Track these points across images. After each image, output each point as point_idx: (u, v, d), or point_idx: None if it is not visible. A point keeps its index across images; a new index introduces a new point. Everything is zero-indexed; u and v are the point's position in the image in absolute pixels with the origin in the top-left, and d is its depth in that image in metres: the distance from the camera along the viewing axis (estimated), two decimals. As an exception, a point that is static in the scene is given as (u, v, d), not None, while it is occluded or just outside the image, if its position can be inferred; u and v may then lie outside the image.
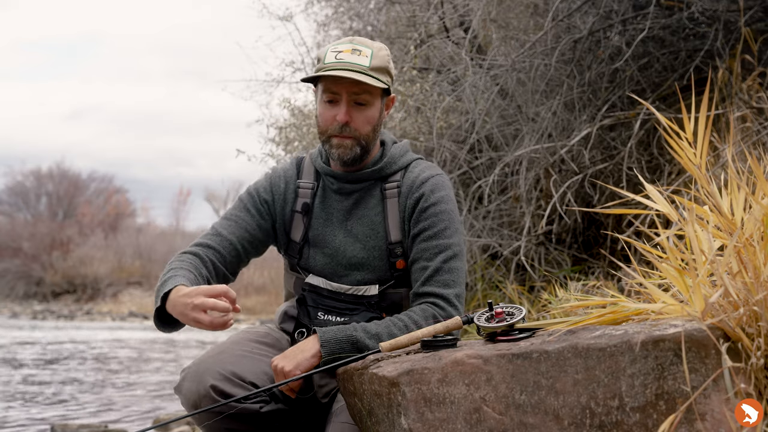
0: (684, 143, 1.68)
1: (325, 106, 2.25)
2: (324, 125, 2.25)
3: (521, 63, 5.19)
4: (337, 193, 2.33)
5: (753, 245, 1.49)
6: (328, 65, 2.19)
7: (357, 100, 2.21)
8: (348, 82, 2.18)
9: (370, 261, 2.27)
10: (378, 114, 2.27)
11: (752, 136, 3.73)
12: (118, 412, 6.84)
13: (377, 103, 2.25)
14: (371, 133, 2.26)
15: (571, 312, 1.87)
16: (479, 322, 1.79)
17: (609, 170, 4.91)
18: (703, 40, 4.71)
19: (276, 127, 7.39)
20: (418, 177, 2.30)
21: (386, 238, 2.27)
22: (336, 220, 2.32)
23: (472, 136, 5.46)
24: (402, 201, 2.28)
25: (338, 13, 7.62)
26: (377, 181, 2.32)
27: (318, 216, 2.33)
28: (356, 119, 2.22)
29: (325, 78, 2.21)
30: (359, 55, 2.20)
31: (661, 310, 1.55)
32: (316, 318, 2.24)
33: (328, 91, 2.22)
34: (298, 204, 2.35)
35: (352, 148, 2.24)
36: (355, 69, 2.17)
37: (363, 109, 2.23)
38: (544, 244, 5.19)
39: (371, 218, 2.29)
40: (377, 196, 2.31)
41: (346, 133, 2.22)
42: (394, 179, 2.32)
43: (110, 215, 41.05)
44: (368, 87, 2.20)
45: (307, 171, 2.39)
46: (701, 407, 1.35)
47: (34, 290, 33.27)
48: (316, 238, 2.32)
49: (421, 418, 1.64)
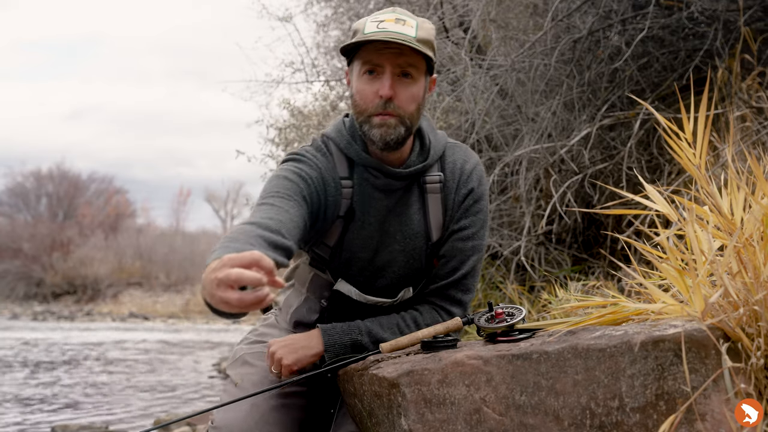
0: (683, 143, 1.68)
1: (364, 80, 1.97)
2: (363, 103, 1.98)
3: (521, 63, 5.18)
4: (380, 190, 2.07)
5: (753, 245, 1.49)
6: (369, 34, 1.92)
7: (403, 71, 1.95)
8: (393, 52, 1.92)
9: (408, 263, 2.11)
10: (423, 93, 2.01)
11: (752, 135, 3.73)
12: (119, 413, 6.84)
13: (422, 80, 2.00)
14: (416, 113, 2.00)
15: (571, 312, 1.87)
16: (479, 323, 1.79)
17: (609, 170, 4.91)
18: (703, 40, 4.71)
19: (276, 127, 7.40)
20: (463, 167, 2.12)
21: (427, 238, 2.11)
22: (374, 220, 2.08)
23: (472, 137, 5.46)
24: (449, 197, 2.10)
25: (338, 14, 7.63)
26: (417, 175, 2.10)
27: (357, 218, 2.07)
28: (401, 95, 1.95)
29: (364, 49, 1.95)
30: (404, 24, 1.94)
31: (661, 310, 1.55)
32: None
33: (370, 63, 1.95)
34: (342, 207, 2.06)
35: (396, 127, 1.97)
36: (401, 39, 1.90)
37: (408, 84, 1.96)
38: (544, 244, 5.19)
39: (410, 217, 2.10)
40: (416, 192, 2.10)
41: (390, 110, 1.95)
42: (433, 171, 2.10)
43: (110, 216, 41.10)
44: (415, 59, 1.94)
45: (339, 162, 2.08)
46: (701, 407, 1.35)
47: (34, 291, 33.30)
48: (351, 242, 2.08)
49: (422, 419, 1.64)
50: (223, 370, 10.51)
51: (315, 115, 7.18)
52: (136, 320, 25.55)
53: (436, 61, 2.03)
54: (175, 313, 28.02)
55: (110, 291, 32.18)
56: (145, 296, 31.33)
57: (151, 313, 27.73)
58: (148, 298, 31.03)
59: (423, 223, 2.10)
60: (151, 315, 27.35)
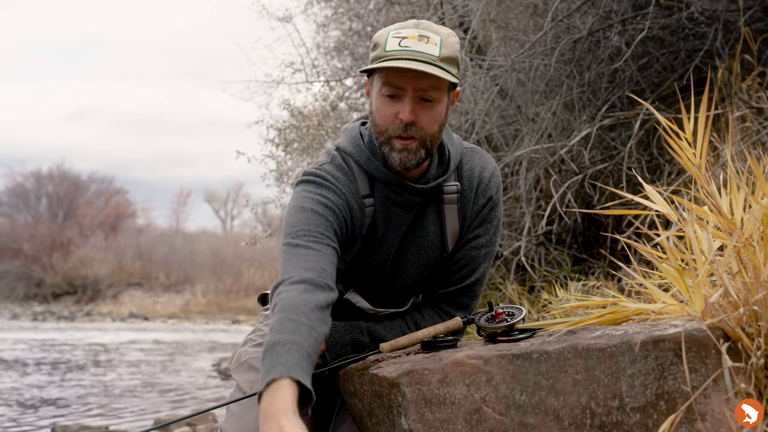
0: (683, 143, 1.68)
1: (384, 101, 1.90)
2: (384, 124, 1.91)
3: (521, 63, 5.19)
4: (400, 206, 2.02)
5: (753, 245, 1.49)
6: (390, 53, 1.85)
7: (424, 96, 1.87)
8: (415, 75, 1.83)
9: (421, 275, 2.09)
10: (445, 111, 1.94)
11: (752, 135, 3.73)
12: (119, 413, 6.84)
13: (445, 99, 1.92)
14: (437, 133, 1.93)
15: (571, 312, 1.88)
16: (479, 323, 1.79)
17: (609, 170, 4.91)
18: (703, 40, 4.71)
19: (276, 128, 7.39)
20: (481, 176, 2.07)
21: (442, 249, 2.08)
22: (393, 236, 2.04)
23: (472, 137, 5.46)
24: (467, 206, 2.06)
25: (338, 14, 7.62)
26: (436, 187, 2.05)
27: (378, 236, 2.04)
28: (422, 118, 1.88)
29: (385, 68, 1.87)
30: (427, 42, 1.86)
31: (661, 310, 1.55)
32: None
33: (390, 85, 1.87)
34: (365, 226, 2.02)
35: (417, 152, 1.90)
36: (424, 59, 1.83)
37: (430, 107, 1.89)
38: (544, 244, 5.19)
39: (426, 229, 2.06)
40: (433, 203, 2.06)
41: (411, 133, 1.89)
42: (450, 181, 2.05)
43: (110, 216, 41.07)
44: (437, 81, 1.86)
45: (361, 179, 2.02)
46: (701, 407, 1.35)
47: (34, 291, 33.28)
48: (368, 257, 2.05)
49: (422, 419, 1.64)
50: (223, 370, 10.50)
51: (315, 116, 7.17)
52: (136, 320, 25.55)
53: (460, 76, 1.98)
54: (175, 313, 28.02)
55: (110, 291, 32.17)
56: (145, 296, 31.33)
57: (151, 314, 27.73)
58: (148, 299, 31.03)
59: (439, 235, 2.07)
60: (151, 315, 27.35)
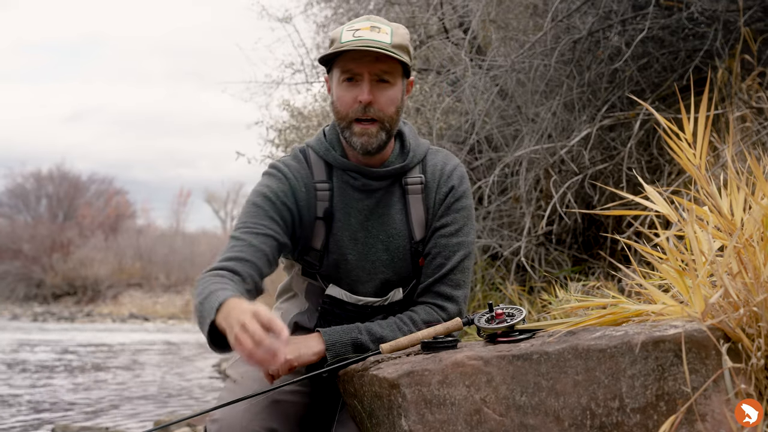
0: (683, 143, 1.68)
1: (343, 87, 2.04)
2: (344, 109, 2.04)
3: (521, 63, 5.19)
4: (359, 190, 2.13)
5: (753, 246, 1.49)
6: (346, 44, 1.99)
7: (380, 78, 2.02)
8: (370, 59, 1.99)
9: (393, 262, 2.14)
10: (400, 95, 2.07)
11: (752, 136, 3.73)
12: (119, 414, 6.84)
13: (399, 84, 2.06)
14: (395, 115, 2.06)
15: (572, 313, 1.87)
16: (479, 324, 1.79)
17: (609, 171, 4.91)
18: (703, 40, 4.71)
19: (276, 128, 7.40)
20: (444, 168, 2.18)
21: (410, 237, 2.14)
22: (356, 221, 2.13)
23: (472, 137, 5.46)
24: (430, 197, 2.15)
25: (338, 15, 7.63)
26: (397, 176, 2.15)
27: (338, 219, 2.12)
28: (380, 98, 2.02)
29: (342, 58, 2.02)
30: (379, 32, 2.01)
31: (661, 311, 1.55)
32: None
33: (348, 72, 2.02)
34: (320, 209, 2.12)
35: (377, 134, 2.04)
36: (377, 46, 1.97)
37: (386, 88, 2.03)
38: (544, 244, 5.19)
39: (392, 217, 2.14)
40: (397, 193, 2.15)
41: (370, 114, 2.01)
42: (414, 173, 2.16)
43: (110, 217, 41.10)
44: (391, 65, 2.02)
45: (317, 167, 2.15)
46: (702, 408, 1.35)
47: (34, 292, 33.30)
48: (337, 244, 2.13)
49: (422, 420, 1.64)
50: (223, 371, 10.51)
51: (315, 116, 7.18)
52: (136, 321, 25.56)
53: (412, 65, 2.11)
54: (175, 313, 28.03)
55: (110, 292, 32.19)
56: (145, 297, 31.35)
57: (151, 314, 27.74)
58: (148, 299, 31.04)
59: (405, 223, 2.15)
60: (151, 316, 27.36)
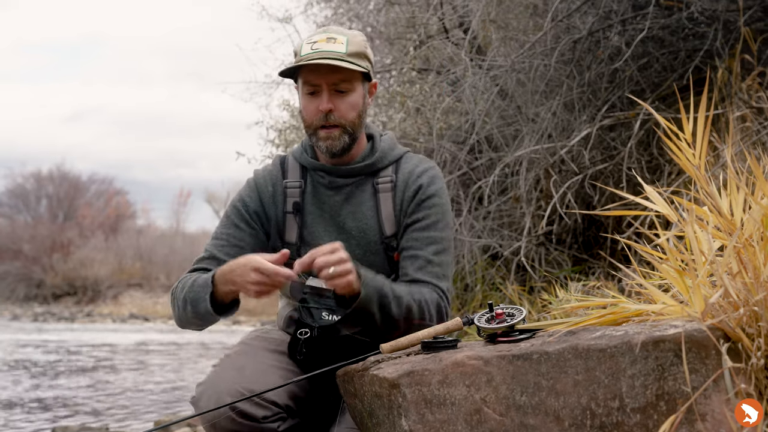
0: (683, 144, 1.68)
1: (307, 99, 2.21)
2: (309, 118, 2.21)
3: (521, 63, 5.19)
4: (328, 188, 2.28)
5: (753, 245, 1.49)
6: (304, 57, 2.15)
7: (338, 89, 2.17)
8: (326, 71, 2.14)
9: (367, 257, 2.22)
10: (362, 100, 2.23)
11: (752, 136, 3.73)
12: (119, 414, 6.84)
13: (359, 89, 2.21)
14: (357, 119, 2.22)
15: (572, 313, 1.87)
16: (479, 323, 1.79)
17: (609, 170, 4.91)
18: (703, 40, 4.71)
19: (276, 129, 7.40)
20: (414, 170, 2.28)
21: (380, 232, 2.24)
22: (328, 216, 2.26)
23: (472, 137, 5.46)
24: (399, 195, 2.25)
25: (338, 15, 7.63)
26: (368, 176, 2.28)
27: (310, 213, 2.27)
28: (339, 106, 2.18)
29: (303, 71, 2.18)
30: (335, 42, 2.16)
31: (661, 310, 1.55)
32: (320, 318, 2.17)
33: (308, 84, 2.19)
34: (289, 204, 2.28)
35: (340, 137, 2.20)
36: (332, 57, 2.12)
37: (345, 96, 2.19)
38: (545, 244, 5.19)
39: (363, 213, 2.25)
40: (369, 191, 2.27)
41: (332, 121, 2.18)
42: (386, 174, 2.28)
43: (110, 217, 41.07)
44: (347, 74, 2.16)
45: (292, 169, 2.33)
46: (702, 408, 1.35)
47: (34, 292, 33.27)
48: (311, 236, 2.26)
49: (422, 420, 1.64)
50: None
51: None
52: (136, 321, 25.55)
53: (371, 69, 2.24)
54: (175, 314, 27.95)
55: (110, 292, 32.17)
56: (146, 297, 31.32)
57: (151, 314, 27.72)
58: (149, 299, 31.02)
59: (375, 218, 2.25)
60: (152, 316, 27.34)
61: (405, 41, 6.67)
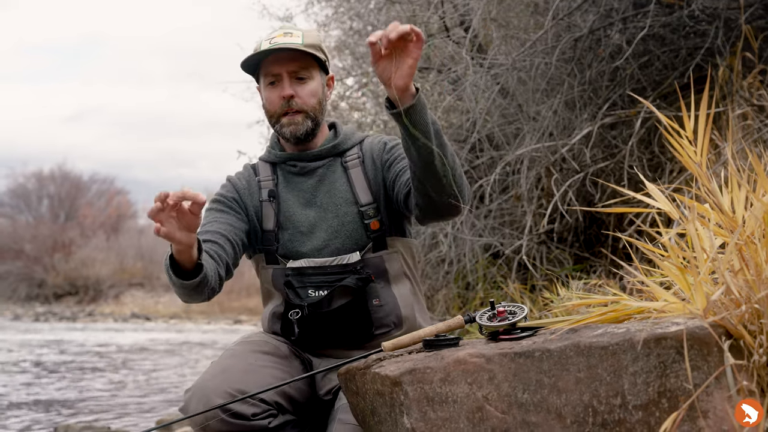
0: (684, 141, 1.68)
1: (269, 89, 2.30)
2: (272, 107, 2.30)
3: (522, 62, 5.18)
4: (300, 174, 2.38)
5: (754, 243, 1.49)
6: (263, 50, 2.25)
7: (298, 75, 2.28)
8: (285, 59, 2.25)
9: (344, 227, 2.30)
10: (321, 89, 2.33)
11: (753, 133, 3.72)
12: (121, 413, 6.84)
13: (318, 78, 2.32)
14: (317, 105, 2.31)
15: (573, 310, 1.87)
16: (481, 321, 1.79)
17: (610, 169, 4.91)
18: (704, 38, 4.71)
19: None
20: (374, 141, 2.40)
21: (356, 202, 2.32)
22: (304, 199, 2.35)
23: (473, 136, 5.46)
24: (368, 163, 2.36)
25: (338, 13, 7.63)
26: (336, 158, 2.38)
27: (286, 199, 2.36)
28: (300, 92, 2.28)
29: (263, 64, 2.29)
30: (291, 36, 2.27)
31: (662, 308, 1.55)
32: (307, 297, 2.25)
33: (269, 75, 2.29)
34: (263, 194, 2.37)
35: (303, 122, 2.29)
36: (289, 47, 2.24)
37: (305, 83, 2.29)
38: (546, 242, 5.19)
39: (338, 188, 2.34)
40: (339, 170, 2.37)
41: (294, 107, 2.28)
42: (352, 153, 2.39)
43: (112, 217, 41.08)
44: (305, 62, 2.27)
45: (263, 169, 2.42)
46: (704, 405, 1.35)
47: (36, 292, 33.29)
48: (288, 220, 2.34)
49: (424, 418, 1.64)
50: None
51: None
52: (137, 321, 25.56)
53: (328, 62, 2.36)
54: (176, 313, 28.02)
55: (112, 292, 32.19)
56: (147, 297, 31.34)
57: (152, 314, 27.74)
58: (150, 299, 31.04)
59: (350, 191, 2.34)
60: (153, 315, 27.35)
61: (406, 40, 6.65)
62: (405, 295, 2.32)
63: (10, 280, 33.59)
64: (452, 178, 2.03)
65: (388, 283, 2.30)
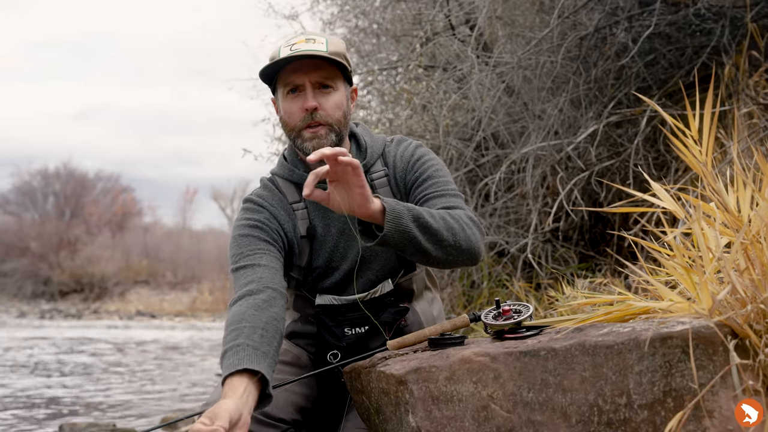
0: (689, 141, 1.68)
1: (289, 100, 2.07)
2: (292, 120, 2.07)
3: (527, 60, 5.18)
4: None
5: (760, 242, 1.49)
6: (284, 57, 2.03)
7: (323, 83, 2.05)
8: (309, 68, 2.02)
9: (377, 256, 2.14)
10: (346, 101, 2.10)
11: (759, 132, 3.72)
12: (126, 411, 6.86)
13: (342, 89, 2.09)
14: (343, 119, 2.08)
15: (579, 309, 1.88)
16: (486, 320, 1.79)
17: (615, 167, 4.91)
18: (710, 37, 4.70)
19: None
20: (396, 151, 2.21)
21: None
22: (335, 230, 2.15)
23: (479, 134, 5.46)
24: (395, 180, 2.17)
25: (344, 11, 7.62)
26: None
27: (320, 234, 2.16)
28: (325, 104, 2.04)
29: (283, 72, 2.06)
30: (314, 42, 2.04)
31: (668, 307, 1.55)
32: (344, 336, 2.12)
33: (291, 84, 2.05)
34: (302, 228, 2.15)
35: (327, 136, 2.05)
36: (313, 54, 2.01)
37: (330, 93, 2.06)
38: (551, 241, 5.18)
39: None
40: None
41: (317, 119, 2.04)
42: (377, 168, 2.18)
43: (117, 214, 41.19)
44: (331, 71, 2.05)
45: (288, 190, 2.19)
46: (709, 404, 1.35)
47: (41, 289, 33.40)
48: (321, 258, 2.16)
49: (429, 416, 1.64)
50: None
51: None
52: (143, 318, 25.61)
53: (352, 72, 2.13)
54: (182, 311, 28.09)
55: (117, 289, 32.28)
56: (152, 294, 31.43)
57: (158, 311, 27.80)
58: (155, 296, 31.12)
59: None
60: (158, 313, 27.41)
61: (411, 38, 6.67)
62: (425, 310, 2.24)
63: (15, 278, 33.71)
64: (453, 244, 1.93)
65: (410, 301, 2.21)
